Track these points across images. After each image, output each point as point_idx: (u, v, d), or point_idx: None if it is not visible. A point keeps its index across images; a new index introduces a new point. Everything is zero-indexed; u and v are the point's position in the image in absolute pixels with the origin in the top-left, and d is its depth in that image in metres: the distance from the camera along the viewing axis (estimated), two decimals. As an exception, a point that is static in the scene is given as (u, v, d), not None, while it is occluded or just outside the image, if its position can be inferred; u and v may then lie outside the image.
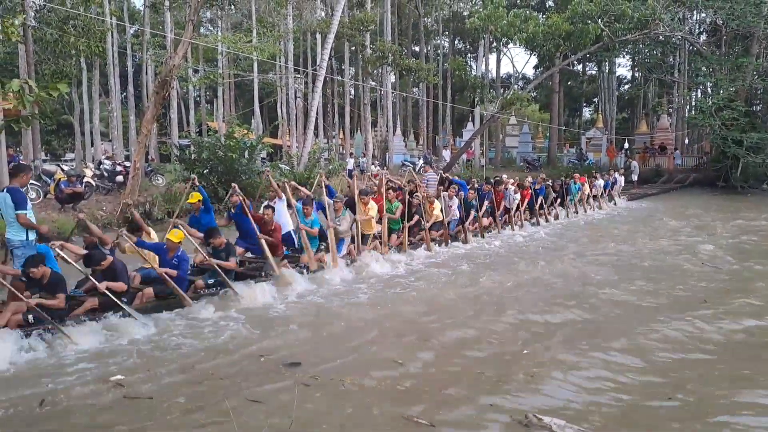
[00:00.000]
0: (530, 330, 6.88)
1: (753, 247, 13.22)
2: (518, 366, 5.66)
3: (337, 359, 5.81)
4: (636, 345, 6.35)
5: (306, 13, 27.81)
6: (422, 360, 5.84)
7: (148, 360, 5.83)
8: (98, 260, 6.98)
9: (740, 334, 6.77)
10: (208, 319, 7.17)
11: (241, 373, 5.48)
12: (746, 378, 5.51)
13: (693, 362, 5.92)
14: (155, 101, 15.58)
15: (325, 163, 22.01)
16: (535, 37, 25.58)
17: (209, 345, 6.28)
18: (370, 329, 6.84)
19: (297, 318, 7.33)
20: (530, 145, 42.90)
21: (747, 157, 27.26)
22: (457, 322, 7.18)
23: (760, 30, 29.80)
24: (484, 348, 6.22)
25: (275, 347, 6.21)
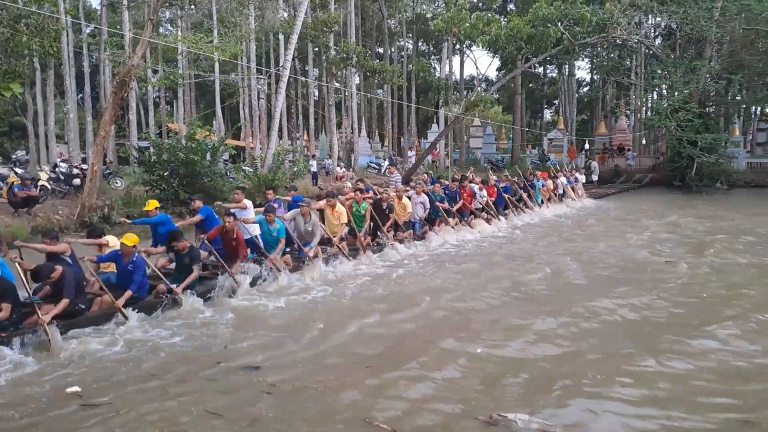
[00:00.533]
0: (497, 331, 6.85)
1: (707, 242, 13.56)
2: (484, 369, 5.64)
3: (299, 364, 5.71)
4: (600, 340, 6.43)
5: (268, 13, 27.52)
6: (387, 363, 5.76)
7: (105, 368, 5.65)
8: (46, 274, 6.68)
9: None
10: (168, 325, 6.98)
11: (201, 378, 5.35)
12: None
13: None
14: (113, 102, 15.21)
15: (289, 165, 21.81)
16: (498, 40, 25.86)
17: (167, 351, 6.11)
18: (335, 333, 6.74)
19: (259, 323, 7.19)
20: (494, 147, 43.36)
21: (701, 158, 28.10)
22: (425, 324, 7.14)
23: (712, 34, 30.73)
24: (451, 351, 6.13)
25: (236, 352, 6.08)
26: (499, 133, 47.71)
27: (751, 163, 34.54)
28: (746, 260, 11.23)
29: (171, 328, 6.86)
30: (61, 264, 6.85)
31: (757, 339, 6.46)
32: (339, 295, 8.46)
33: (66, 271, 6.76)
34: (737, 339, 6.46)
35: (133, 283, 7.26)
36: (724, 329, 6.74)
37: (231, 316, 7.41)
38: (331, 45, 27.39)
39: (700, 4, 29.77)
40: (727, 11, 30.47)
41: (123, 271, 7.41)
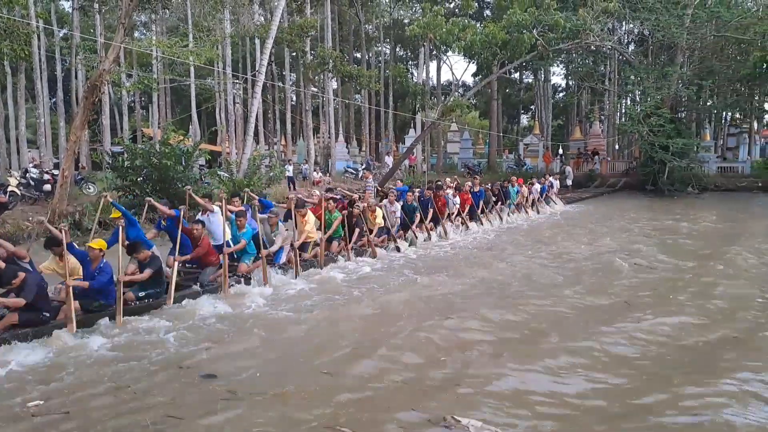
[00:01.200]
0: (463, 336, 6.85)
1: (676, 245, 13.82)
2: (446, 374, 5.65)
3: (260, 371, 5.68)
4: (565, 348, 6.49)
5: (244, 17, 27.43)
6: (350, 370, 5.76)
7: (67, 377, 5.56)
8: (9, 278, 6.57)
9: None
10: (135, 332, 6.90)
11: (163, 386, 5.30)
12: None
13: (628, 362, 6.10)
14: (84, 107, 15.02)
15: (266, 170, 21.70)
16: (473, 46, 26.06)
17: (131, 359, 6.04)
18: (299, 340, 6.71)
19: (227, 330, 7.11)
20: (471, 151, 43.63)
21: (673, 162, 28.61)
22: (388, 329, 7.12)
23: (684, 41, 31.33)
24: (414, 356, 6.14)
25: (198, 359, 6.03)
26: (476, 138, 48.04)
27: (721, 168, 35.19)
28: (711, 261, 11.52)
29: (137, 335, 6.79)
30: (21, 270, 6.76)
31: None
32: (307, 303, 8.39)
33: (28, 278, 6.68)
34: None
35: (96, 281, 7.16)
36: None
37: (200, 323, 7.34)
38: (307, 50, 27.35)
39: (671, 12, 30.34)
40: (698, 18, 31.12)
41: (90, 276, 7.30)
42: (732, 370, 5.74)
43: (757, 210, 22.95)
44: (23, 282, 6.51)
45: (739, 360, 6.07)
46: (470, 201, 16.64)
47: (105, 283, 7.29)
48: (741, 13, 31.53)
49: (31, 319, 6.59)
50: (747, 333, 7.03)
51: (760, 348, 6.53)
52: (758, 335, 6.96)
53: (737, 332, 7.02)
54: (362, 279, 10.07)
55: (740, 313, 7.85)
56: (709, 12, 31.33)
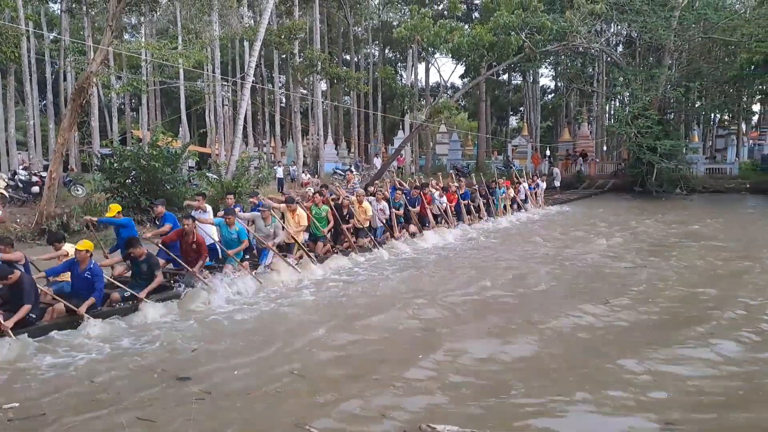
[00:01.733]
0: (441, 342, 6.80)
1: (662, 246, 14.00)
2: (423, 379, 5.66)
3: (236, 373, 5.74)
4: (545, 352, 6.57)
5: (233, 20, 27.51)
6: (323, 371, 5.81)
7: (47, 379, 5.62)
8: (4, 275, 6.68)
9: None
10: (120, 333, 6.95)
11: (139, 388, 5.35)
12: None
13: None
14: (72, 109, 15.07)
15: (255, 171, 21.79)
16: (461, 48, 26.22)
17: (111, 360, 6.11)
18: (277, 341, 6.74)
19: (210, 330, 7.16)
20: (460, 153, 43.79)
21: (661, 163, 28.76)
22: (369, 332, 7.15)
23: (671, 43, 31.55)
24: (390, 361, 6.14)
25: (176, 360, 6.08)
26: (465, 139, 48.24)
27: (710, 169, 35.43)
28: (696, 264, 11.68)
29: (121, 336, 6.84)
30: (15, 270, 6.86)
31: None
32: (293, 303, 8.46)
33: (24, 277, 6.79)
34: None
35: (96, 291, 7.23)
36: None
37: (183, 323, 7.40)
38: (296, 52, 27.46)
39: (658, 13, 30.53)
40: (685, 20, 31.30)
41: (79, 278, 7.34)
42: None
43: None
44: (20, 282, 6.60)
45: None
46: (456, 200, 16.79)
47: (100, 285, 7.35)
48: (728, 15, 31.71)
49: (19, 320, 6.66)
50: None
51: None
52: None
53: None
54: (346, 280, 10.10)
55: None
56: (697, 14, 31.54)
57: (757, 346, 6.54)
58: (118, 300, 7.72)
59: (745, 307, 8.11)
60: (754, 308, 8.07)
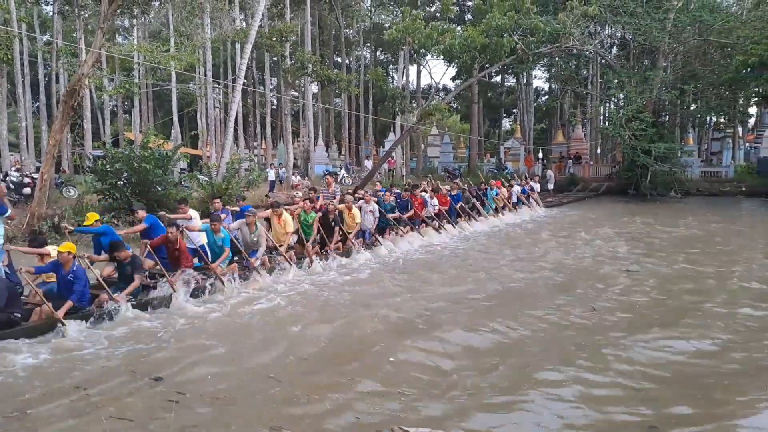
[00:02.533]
0: (422, 343, 6.78)
1: (659, 249, 14.04)
2: (393, 377, 5.70)
3: (212, 374, 5.77)
4: (524, 353, 6.64)
5: (224, 22, 27.54)
6: (297, 374, 5.82)
7: (27, 379, 5.64)
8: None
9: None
10: (102, 335, 6.96)
11: (114, 388, 5.40)
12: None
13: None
14: (64, 110, 15.09)
15: (245, 173, 21.83)
16: (452, 49, 26.24)
17: (92, 361, 6.13)
18: (256, 344, 6.77)
19: (191, 333, 7.16)
20: (452, 155, 43.86)
21: (655, 166, 28.65)
22: (350, 334, 7.18)
23: (666, 45, 31.58)
24: (365, 365, 6.14)
25: (155, 362, 6.10)
26: (457, 142, 48.31)
27: (705, 172, 35.48)
28: (687, 267, 11.75)
29: (103, 338, 6.84)
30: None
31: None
32: (277, 306, 8.46)
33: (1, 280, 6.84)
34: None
35: (74, 293, 7.25)
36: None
37: (165, 325, 7.40)
38: (287, 54, 27.50)
39: (652, 15, 30.52)
40: (680, 22, 31.22)
41: (63, 280, 7.38)
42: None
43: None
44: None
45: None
46: (448, 202, 16.83)
47: (82, 287, 7.39)
48: (723, 17, 31.63)
49: (2, 320, 6.68)
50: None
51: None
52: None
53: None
54: (332, 283, 10.07)
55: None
56: (692, 16, 31.43)
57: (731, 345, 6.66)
58: (106, 301, 7.75)
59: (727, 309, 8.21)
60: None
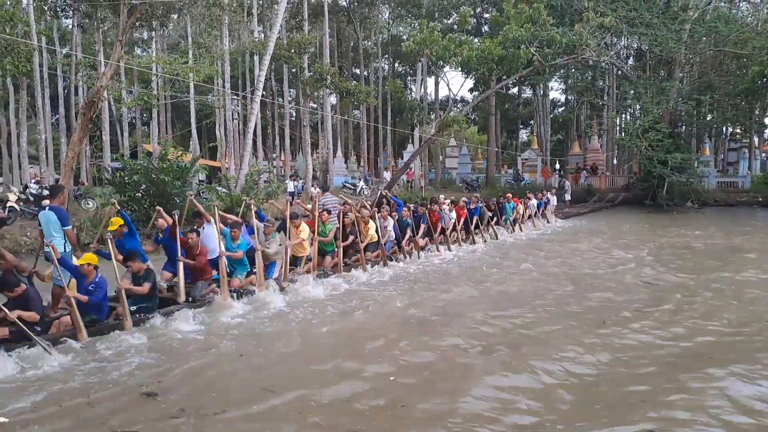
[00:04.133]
0: (421, 360, 6.63)
1: (681, 262, 13.77)
2: (394, 394, 5.55)
3: (215, 388, 5.68)
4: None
5: (243, 34, 27.72)
6: (295, 389, 5.67)
7: (31, 391, 5.56)
8: (11, 286, 6.67)
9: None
10: (113, 347, 6.87)
11: (118, 403, 5.32)
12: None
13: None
14: (82, 123, 15.19)
15: (264, 185, 21.84)
16: (470, 61, 26.20)
17: (100, 374, 6.04)
18: (264, 357, 6.64)
19: (199, 347, 7.04)
20: (469, 167, 43.81)
21: (671, 177, 28.60)
22: (350, 351, 6.99)
23: (681, 55, 31.50)
24: (363, 378, 5.99)
25: (165, 376, 5.99)
26: (474, 153, 48.24)
27: (721, 182, 35.25)
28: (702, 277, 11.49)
29: (113, 351, 6.77)
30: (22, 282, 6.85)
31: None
32: (292, 319, 8.31)
33: (29, 289, 6.84)
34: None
35: (92, 306, 7.21)
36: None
37: (180, 338, 7.32)
38: (306, 66, 27.59)
39: (669, 27, 30.48)
40: (696, 33, 31.27)
41: (83, 291, 7.32)
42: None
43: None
44: (25, 293, 6.62)
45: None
46: (465, 215, 16.66)
47: (101, 298, 7.32)
48: (739, 28, 31.61)
49: (22, 333, 6.63)
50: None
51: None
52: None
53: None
54: (347, 295, 9.93)
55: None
56: (707, 27, 31.48)
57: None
58: (124, 315, 7.67)
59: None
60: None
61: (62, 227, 7.70)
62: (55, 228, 7.68)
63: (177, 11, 20.99)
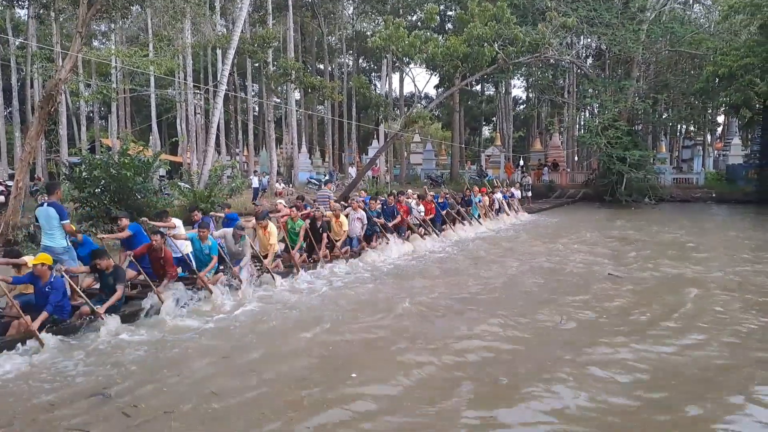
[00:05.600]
0: (399, 356, 6.60)
1: (636, 253, 14.14)
2: (338, 395, 5.50)
3: (166, 389, 5.61)
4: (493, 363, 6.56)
5: (205, 28, 27.24)
6: (239, 389, 5.63)
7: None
8: None
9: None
10: (80, 348, 6.73)
11: (72, 403, 5.27)
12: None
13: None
14: (40, 116, 14.70)
15: (228, 180, 21.53)
16: (435, 58, 26.33)
17: (61, 376, 5.93)
18: (233, 359, 6.53)
19: (171, 346, 6.90)
20: (434, 162, 44.06)
21: (630, 173, 29.35)
22: (323, 347, 6.95)
23: (639, 55, 32.37)
24: (312, 379, 5.94)
25: (113, 378, 5.89)
26: (439, 149, 48.53)
27: (677, 179, 36.28)
28: (659, 272, 11.84)
29: (81, 352, 6.61)
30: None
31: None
32: (261, 317, 8.20)
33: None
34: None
35: (48, 304, 6.98)
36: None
37: (149, 337, 7.17)
38: (270, 61, 27.29)
39: (627, 27, 31.28)
40: (653, 34, 32.25)
41: (40, 292, 7.10)
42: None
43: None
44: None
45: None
46: (434, 210, 16.75)
47: (59, 298, 7.12)
48: (693, 29, 32.83)
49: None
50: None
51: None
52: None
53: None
54: (318, 292, 9.83)
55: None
56: (664, 27, 32.51)
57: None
58: (87, 313, 7.47)
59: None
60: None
61: (61, 221, 8.00)
62: (55, 223, 7.96)
63: (139, 3, 20.46)
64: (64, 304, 7.29)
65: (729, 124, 45.93)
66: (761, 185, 31.16)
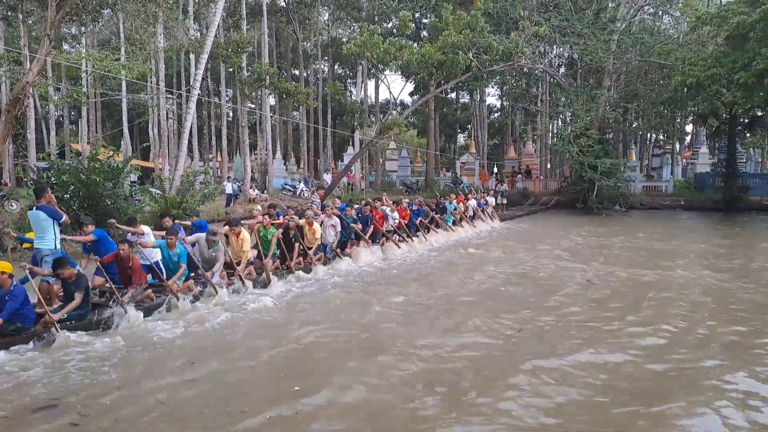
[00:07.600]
0: (368, 360, 6.65)
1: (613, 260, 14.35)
2: (278, 407, 5.42)
3: (107, 401, 5.51)
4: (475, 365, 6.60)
5: (178, 32, 26.98)
6: (187, 396, 5.61)
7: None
8: None
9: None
10: (37, 358, 6.62)
11: (17, 415, 5.19)
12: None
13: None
14: (7, 120, 14.43)
15: (200, 186, 21.31)
16: (410, 65, 26.45)
17: (11, 390, 5.79)
18: (201, 367, 6.45)
19: (134, 356, 6.78)
20: (409, 169, 44.16)
21: (601, 181, 29.76)
22: (293, 355, 6.94)
23: (610, 65, 32.94)
24: (259, 388, 5.94)
25: (62, 388, 5.80)
26: (414, 156, 48.69)
27: (646, 187, 36.86)
28: (626, 274, 12.07)
29: (39, 361, 6.50)
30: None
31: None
32: (233, 324, 8.10)
33: None
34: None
35: (5, 311, 6.84)
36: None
37: (112, 346, 7.01)
38: (244, 66, 27.13)
39: (598, 37, 31.82)
40: (623, 44, 32.88)
41: (1, 301, 6.97)
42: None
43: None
44: None
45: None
46: (408, 216, 16.77)
47: (18, 307, 6.95)
48: (662, 40, 33.57)
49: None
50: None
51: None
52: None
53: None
54: (290, 300, 9.75)
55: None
56: (634, 38, 33.19)
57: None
58: (52, 322, 7.31)
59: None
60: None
61: (55, 222, 8.16)
62: (45, 225, 8.07)
63: (110, 6, 20.20)
64: (25, 312, 7.12)
65: (697, 133, 46.98)
66: (727, 193, 31.87)
